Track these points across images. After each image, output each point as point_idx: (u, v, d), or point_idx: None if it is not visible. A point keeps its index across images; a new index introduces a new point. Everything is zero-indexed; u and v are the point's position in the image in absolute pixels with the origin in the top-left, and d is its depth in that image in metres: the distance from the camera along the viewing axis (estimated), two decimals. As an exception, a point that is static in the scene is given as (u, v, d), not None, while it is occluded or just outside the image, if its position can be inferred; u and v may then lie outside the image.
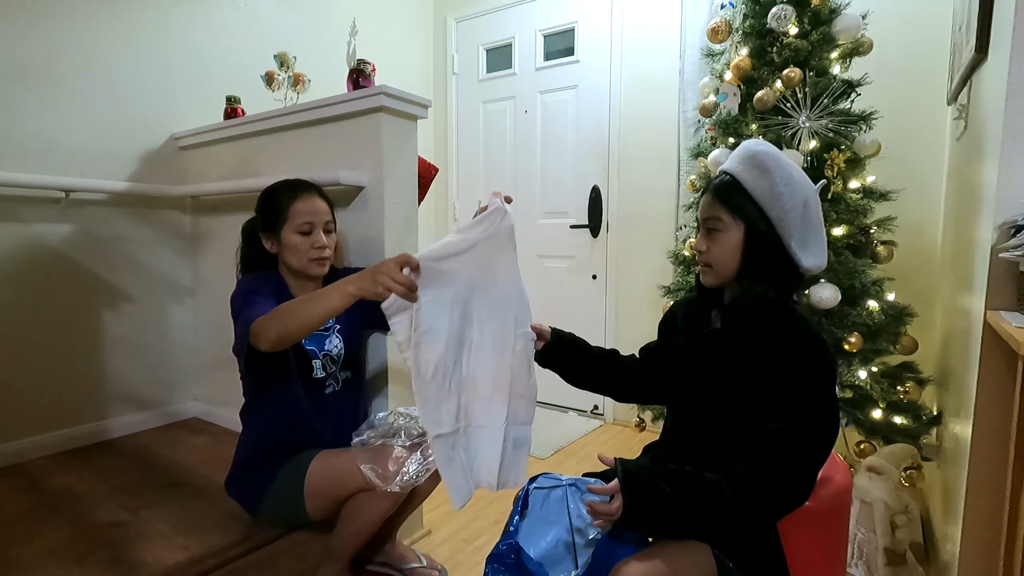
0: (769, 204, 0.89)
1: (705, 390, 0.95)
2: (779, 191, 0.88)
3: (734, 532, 0.86)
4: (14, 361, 1.72)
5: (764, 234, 0.89)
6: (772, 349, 0.88)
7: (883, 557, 1.45)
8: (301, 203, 1.27)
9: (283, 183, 1.33)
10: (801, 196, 0.89)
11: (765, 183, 0.89)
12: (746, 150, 0.93)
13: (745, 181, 0.90)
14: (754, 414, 0.86)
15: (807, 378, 0.86)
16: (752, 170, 0.90)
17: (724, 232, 0.91)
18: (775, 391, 0.85)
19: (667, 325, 1.14)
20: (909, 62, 1.92)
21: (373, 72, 1.60)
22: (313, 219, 1.27)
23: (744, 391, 0.89)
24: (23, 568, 1.16)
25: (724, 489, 0.82)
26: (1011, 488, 0.91)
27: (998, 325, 0.96)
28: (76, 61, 1.82)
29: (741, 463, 0.84)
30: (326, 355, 1.32)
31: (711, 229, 0.93)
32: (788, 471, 0.84)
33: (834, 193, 1.58)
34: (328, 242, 1.30)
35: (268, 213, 1.29)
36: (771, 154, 0.90)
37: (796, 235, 0.89)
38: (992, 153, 1.12)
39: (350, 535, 1.19)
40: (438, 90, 3.29)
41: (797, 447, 0.84)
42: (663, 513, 0.82)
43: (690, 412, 0.99)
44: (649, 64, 2.57)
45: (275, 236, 1.28)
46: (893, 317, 1.61)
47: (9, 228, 1.71)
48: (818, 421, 0.85)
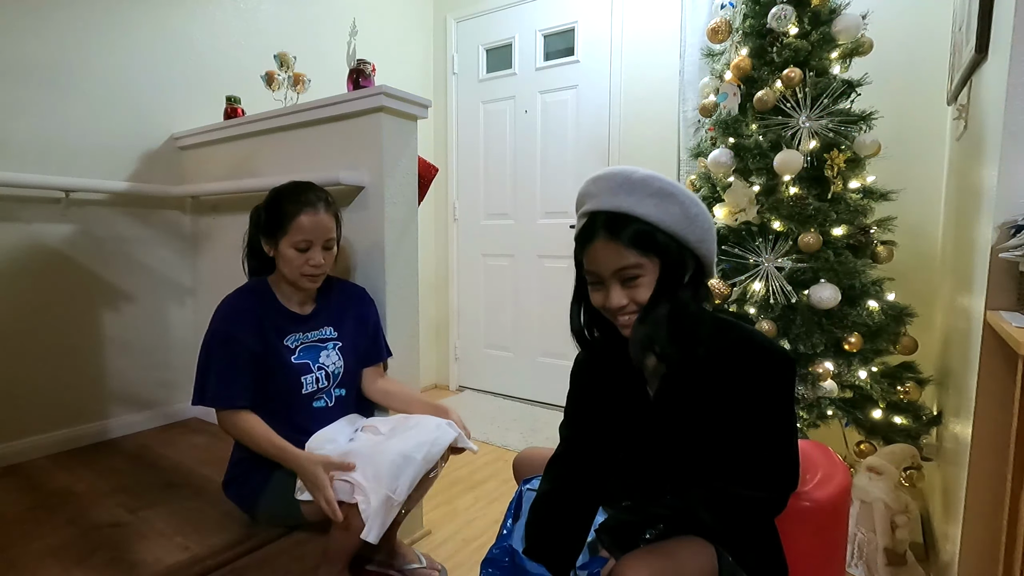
0: (688, 230, 0.82)
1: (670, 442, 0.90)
2: (693, 212, 0.81)
3: (730, 539, 0.87)
4: (14, 361, 1.72)
5: (681, 257, 0.83)
6: (730, 366, 0.85)
7: (883, 557, 1.45)
8: (304, 218, 1.23)
9: (293, 190, 1.28)
10: (702, 204, 0.84)
11: (675, 210, 0.80)
12: (626, 178, 0.81)
13: (647, 215, 0.80)
14: (727, 432, 0.85)
15: (771, 382, 0.85)
16: (651, 199, 0.80)
17: (645, 276, 0.82)
18: (743, 403, 0.84)
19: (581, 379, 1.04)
20: (909, 62, 1.92)
21: (373, 72, 1.60)
22: (312, 236, 1.25)
23: (711, 418, 0.86)
24: (23, 568, 1.16)
25: (700, 513, 0.83)
26: (1011, 488, 0.90)
27: (998, 325, 0.96)
28: (76, 61, 1.82)
29: (720, 481, 0.85)
30: (321, 368, 1.31)
31: (628, 279, 0.82)
32: (773, 472, 0.85)
33: (834, 193, 1.58)
34: (325, 259, 1.28)
35: (270, 219, 1.27)
36: (660, 178, 0.82)
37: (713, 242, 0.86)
38: (992, 153, 1.12)
39: (346, 539, 1.19)
40: (438, 90, 3.29)
41: (776, 447, 0.85)
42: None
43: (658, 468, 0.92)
44: (649, 64, 2.57)
45: (273, 243, 1.27)
46: (893, 317, 1.61)
47: (9, 228, 1.71)
48: (788, 417, 0.85)
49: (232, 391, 1.21)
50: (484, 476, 2.14)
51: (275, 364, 1.26)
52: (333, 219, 1.30)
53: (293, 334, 1.30)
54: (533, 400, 3.07)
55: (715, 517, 0.83)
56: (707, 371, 0.86)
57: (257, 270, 1.37)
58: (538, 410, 2.94)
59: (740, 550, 0.87)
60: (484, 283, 3.23)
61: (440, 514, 1.84)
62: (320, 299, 1.37)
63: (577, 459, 0.99)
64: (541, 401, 3.04)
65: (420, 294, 1.67)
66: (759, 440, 0.84)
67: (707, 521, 0.82)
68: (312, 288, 1.31)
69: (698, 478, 0.88)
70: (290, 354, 1.28)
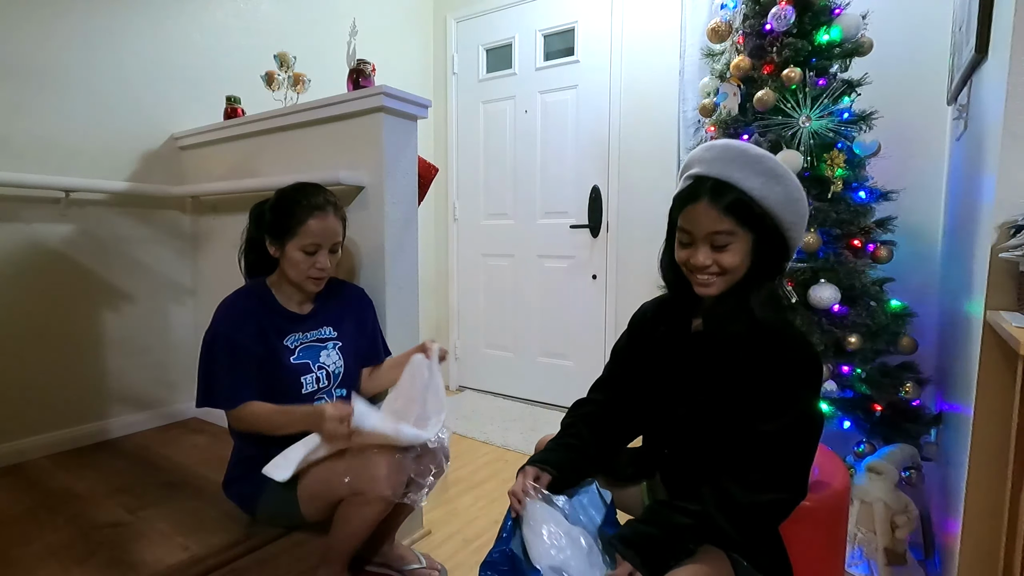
0: (786, 211, 0.87)
1: (694, 390, 0.95)
2: (795, 196, 0.87)
3: (741, 545, 0.87)
4: (14, 361, 1.72)
5: (775, 237, 0.89)
6: (760, 349, 0.88)
7: (883, 557, 1.45)
8: (314, 222, 1.24)
9: (302, 194, 1.28)
10: (803, 191, 0.89)
11: (779, 190, 0.86)
12: (744, 155, 0.87)
13: (752, 189, 0.85)
14: (745, 415, 0.87)
15: (795, 377, 0.87)
16: (759, 177, 0.86)
17: (735, 243, 0.87)
18: (765, 391, 0.86)
19: (639, 324, 1.11)
20: (909, 62, 1.92)
21: (373, 72, 1.60)
22: (321, 240, 1.25)
23: (733, 391, 0.90)
24: (23, 568, 1.16)
25: (722, 524, 0.83)
26: (1011, 488, 0.91)
27: (998, 325, 0.96)
28: (76, 61, 1.82)
29: (739, 475, 0.85)
30: (321, 368, 1.31)
31: (719, 244, 0.88)
32: (784, 471, 0.85)
33: (834, 193, 1.58)
34: (331, 262, 1.29)
35: (278, 220, 1.27)
36: (772, 159, 0.88)
37: (803, 230, 0.90)
38: (992, 153, 1.12)
39: (344, 538, 1.18)
40: (438, 90, 3.29)
41: (791, 448, 0.85)
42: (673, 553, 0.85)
43: (682, 415, 0.97)
44: (649, 64, 2.57)
45: (279, 244, 1.27)
46: (893, 317, 1.61)
47: (9, 228, 1.71)
48: (809, 418, 0.87)
49: (239, 392, 1.21)
50: (484, 476, 2.14)
51: (275, 365, 1.26)
52: (340, 223, 1.31)
53: (293, 334, 1.30)
54: (533, 400, 3.07)
55: (734, 526, 0.83)
56: (743, 345, 0.89)
57: (254, 268, 1.37)
58: (538, 410, 2.94)
59: (753, 554, 0.88)
60: (484, 283, 3.23)
61: (440, 514, 1.84)
62: (318, 299, 1.37)
63: (603, 406, 1.09)
64: (541, 401, 3.04)
65: (420, 294, 1.66)
66: (769, 430, 0.85)
67: (728, 531, 0.83)
68: (316, 290, 1.32)
69: (716, 458, 0.89)
70: (289, 354, 1.28)
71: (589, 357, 2.83)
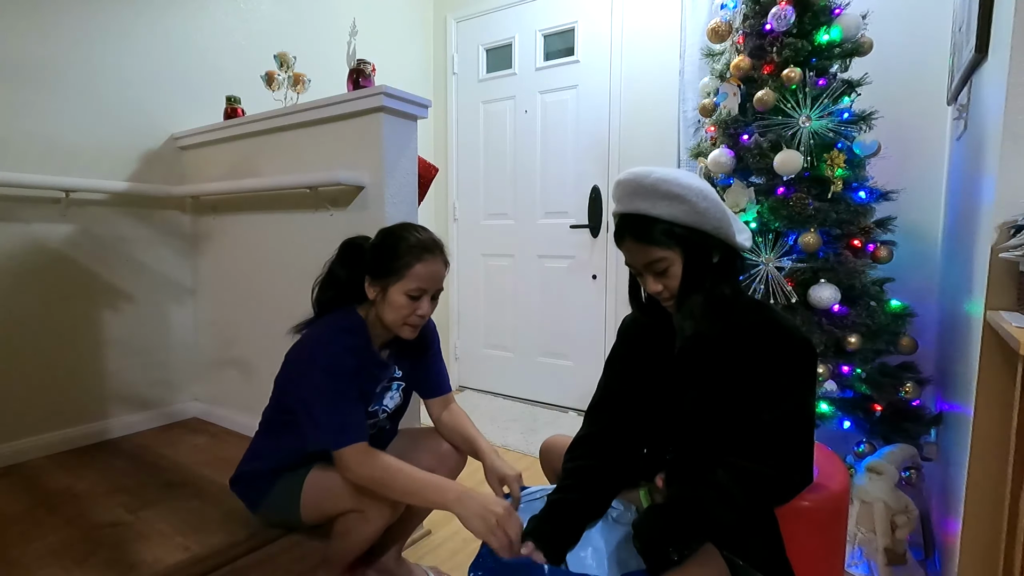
0: (701, 221, 0.88)
1: (692, 400, 0.96)
2: (701, 207, 0.87)
3: (747, 527, 0.88)
4: (14, 361, 1.72)
5: (702, 245, 0.90)
6: (751, 345, 0.90)
7: (883, 557, 1.45)
8: (422, 267, 1.14)
9: (414, 235, 1.18)
10: (711, 196, 0.89)
11: (684, 208, 0.87)
12: (639, 184, 0.88)
13: (661, 215, 0.88)
14: (744, 409, 0.89)
15: (790, 365, 0.89)
16: (662, 202, 0.87)
17: (672, 266, 0.91)
18: (762, 383, 0.89)
19: (629, 333, 1.12)
20: (909, 62, 1.92)
21: (373, 72, 1.60)
22: (427, 286, 1.16)
23: (730, 390, 0.91)
24: (23, 568, 1.16)
25: (733, 490, 0.84)
26: (1011, 487, 0.91)
27: (998, 325, 0.96)
28: (76, 61, 1.82)
29: (744, 459, 0.87)
30: (384, 411, 1.27)
31: (658, 271, 0.91)
32: (789, 456, 0.87)
33: (834, 193, 1.58)
34: (431, 309, 1.20)
35: (382, 261, 1.16)
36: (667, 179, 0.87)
37: (731, 227, 0.91)
38: (992, 153, 1.12)
39: (342, 551, 1.17)
40: (438, 90, 3.29)
41: (792, 432, 0.88)
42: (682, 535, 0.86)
43: (681, 425, 0.98)
44: (649, 64, 2.57)
45: (381, 286, 1.16)
46: (893, 317, 1.61)
47: (9, 228, 1.71)
48: (806, 403, 0.89)
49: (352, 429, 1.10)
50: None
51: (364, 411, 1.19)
52: (445, 267, 1.21)
53: (381, 381, 1.25)
54: (533, 400, 3.07)
55: (742, 489, 0.85)
56: (727, 346, 0.92)
57: (329, 304, 1.24)
58: (538, 410, 2.94)
59: (750, 552, 0.88)
60: (484, 283, 3.23)
61: (440, 514, 1.83)
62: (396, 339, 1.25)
63: (602, 440, 1.05)
64: (541, 401, 3.04)
65: (420, 294, 1.66)
66: (769, 419, 0.87)
67: (735, 496, 0.84)
68: (411, 337, 1.20)
69: (709, 449, 0.91)
70: (374, 401, 1.24)
71: (589, 357, 2.83)
